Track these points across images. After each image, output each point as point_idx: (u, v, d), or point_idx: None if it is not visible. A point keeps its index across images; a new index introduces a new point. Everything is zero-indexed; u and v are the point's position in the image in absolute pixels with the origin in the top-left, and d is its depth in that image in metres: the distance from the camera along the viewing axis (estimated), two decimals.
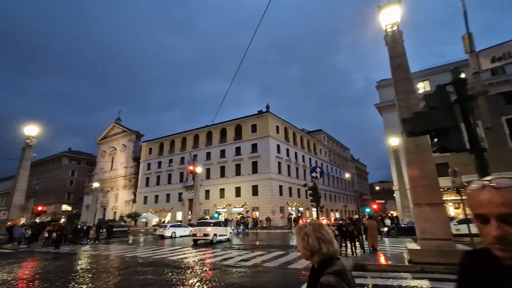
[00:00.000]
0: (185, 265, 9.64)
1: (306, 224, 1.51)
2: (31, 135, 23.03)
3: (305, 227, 1.49)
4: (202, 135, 47.43)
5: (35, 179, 64.06)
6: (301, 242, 1.47)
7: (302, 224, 1.53)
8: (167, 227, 23.85)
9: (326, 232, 1.46)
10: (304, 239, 1.45)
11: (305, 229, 1.48)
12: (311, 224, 1.50)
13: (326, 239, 1.42)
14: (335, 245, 1.45)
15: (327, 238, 1.43)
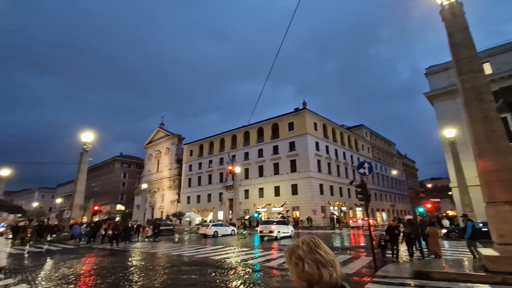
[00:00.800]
0: (228, 266, 9.48)
1: (298, 244, 1.13)
2: (87, 141, 25.28)
3: (298, 248, 1.12)
4: (239, 135, 47.94)
5: (93, 182, 71.08)
6: (294, 270, 1.09)
7: (294, 245, 1.15)
8: (209, 226, 24.35)
9: (326, 252, 1.10)
10: (297, 265, 1.08)
11: (298, 251, 1.11)
12: (305, 243, 1.13)
13: (326, 262, 1.07)
14: (339, 269, 1.09)
15: (328, 260, 1.08)
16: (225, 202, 46.26)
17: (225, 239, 21.60)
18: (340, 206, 41.71)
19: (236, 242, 18.90)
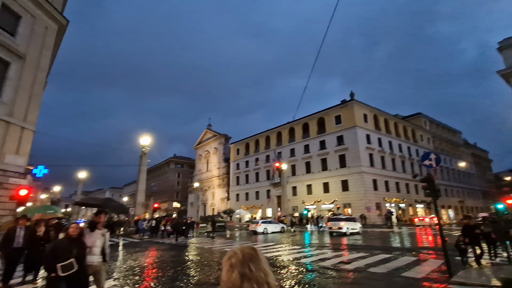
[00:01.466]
0: (280, 264, 9.29)
1: (237, 252, 1.12)
2: (145, 145, 27.62)
3: (235, 255, 1.10)
4: (284, 132, 47.50)
5: (152, 182, 77.75)
6: (225, 275, 1.07)
7: (233, 251, 1.13)
8: (258, 223, 24.56)
9: (257, 269, 1.05)
10: (228, 271, 1.06)
11: (233, 259, 1.08)
12: (242, 253, 1.10)
13: (252, 278, 1.02)
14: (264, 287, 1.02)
15: (256, 276, 1.02)
16: (273, 199, 46.35)
17: (275, 236, 21.53)
18: (398, 203, 38.44)
19: (286, 239, 18.67)
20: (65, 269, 3.60)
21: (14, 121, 15.89)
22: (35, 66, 17.51)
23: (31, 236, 6.76)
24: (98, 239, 4.51)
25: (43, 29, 18.23)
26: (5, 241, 6.40)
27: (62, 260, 3.63)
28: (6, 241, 6.38)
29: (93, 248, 4.40)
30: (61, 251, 3.76)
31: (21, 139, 16.29)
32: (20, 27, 16.78)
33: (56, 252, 3.76)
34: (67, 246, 3.84)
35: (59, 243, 3.84)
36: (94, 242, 4.44)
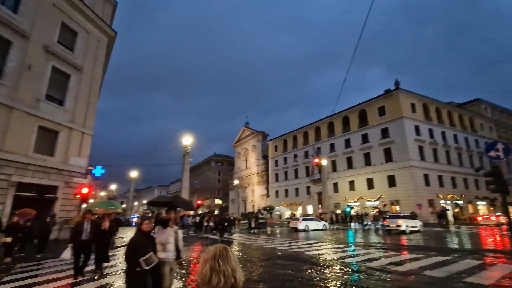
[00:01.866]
0: (323, 263, 8.98)
1: (210, 250, 1.37)
2: (187, 144, 28.96)
3: (208, 252, 1.36)
4: (323, 126, 46.07)
5: (195, 179, 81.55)
6: (199, 269, 1.32)
7: (209, 249, 1.37)
8: (299, 220, 24.21)
9: (224, 263, 1.30)
10: (202, 265, 1.32)
11: (206, 255, 1.35)
12: (214, 250, 1.35)
13: (219, 271, 1.27)
14: (230, 279, 1.27)
15: (220, 269, 1.28)
16: (313, 195, 45.37)
17: (316, 233, 21.01)
18: (455, 200, 34.78)
19: (329, 237, 18.09)
20: (148, 262, 3.66)
21: (76, 127, 17.77)
22: (91, 76, 19.35)
23: (97, 229, 7.40)
24: (171, 235, 4.55)
25: (95, 42, 20.03)
26: (74, 234, 7.11)
27: (142, 255, 3.67)
28: (75, 234, 7.08)
29: (167, 245, 4.44)
30: (139, 246, 3.81)
31: (81, 143, 18.17)
32: (77, 42, 18.63)
33: (136, 247, 3.80)
34: (143, 241, 3.89)
35: (136, 239, 3.87)
36: (168, 239, 4.48)
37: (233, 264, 1.33)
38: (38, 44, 15.69)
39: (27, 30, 15.04)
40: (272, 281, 6.68)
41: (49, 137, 16.15)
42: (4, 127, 13.80)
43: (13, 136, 14.13)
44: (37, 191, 15.14)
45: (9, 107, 14.02)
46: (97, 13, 19.78)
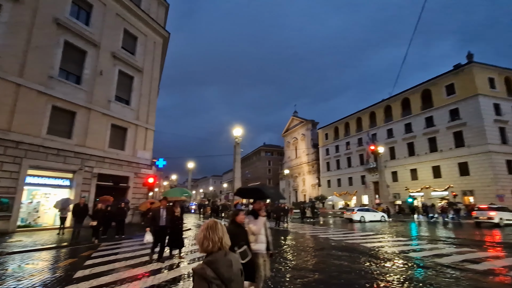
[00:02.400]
0: (383, 256, 8.46)
1: (204, 223, 1.89)
2: (237, 135, 29.88)
3: (203, 224, 1.88)
4: (379, 111, 42.72)
5: (246, 170, 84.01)
6: (198, 237, 1.85)
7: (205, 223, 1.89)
8: (354, 210, 23.19)
9: (213, 233, 1.80)
10: (199, 233, 1.84)
11: (202, 226, 1.87)
12: (207, 223, 1.88)
13: (209, 238, 1.79)
14: (217, 244, 1.78)
15: (210, 237, 1.79)
16: (369, 185, 42.85)
17: (373, 225, 19.88)
18: None
19: (388, 229, 16.95)
20: (243, 256, 3.44)
21: (140, 124, 19.71)
22: (150, 76, 21.12)
23: (171, 215, 7.82)
24: (262, 226, 4.29)
25: (152, 44, 21.68)
26: (152, 220, 7.71)
27: (238, 248, 3.49)
28: (153, 220, 7.67)
29: (259, 236, 4.20)
30: (235, 238, 3.45)
31: (146, 138, 20.11)
32: (137, 46, 20.42)
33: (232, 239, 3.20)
34: (237, 233, 3.65)
35: (233, 230, 3.55)
36: (260, 230, 4.23)
37: (220, 234, 1.83)
38: (107, 52, 17.67)
39: (97, 40, 17.04)
40: (328, 271, 6.55)
41: (119, 133, 18.30)
42: (85, 126, 16.05)
43: (92, 134, 16.36)
44: (113, 181, 17.41)
45: (87, 109, 16.23)
46: (152, 17, 21.34)
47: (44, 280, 5.69)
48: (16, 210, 12.78)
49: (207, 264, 1.70)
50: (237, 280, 1.78)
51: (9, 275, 6.09)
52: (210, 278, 1.64)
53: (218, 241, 1.80)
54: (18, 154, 12.97)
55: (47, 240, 10.68)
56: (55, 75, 14.77)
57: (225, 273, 1.70)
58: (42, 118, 14.07)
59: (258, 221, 4.29)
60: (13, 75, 13.07)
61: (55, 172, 14.72)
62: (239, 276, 1.82)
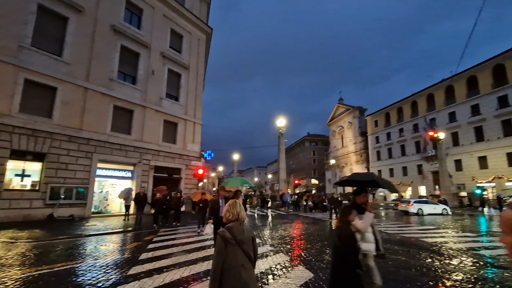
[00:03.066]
0: (448, 252, 7.67)
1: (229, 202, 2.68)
2: (281, 126, 29.69)
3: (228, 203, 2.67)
4: (438, 93, 38.31)
5: (291, 160, 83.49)
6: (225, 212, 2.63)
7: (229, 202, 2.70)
8: (410, 202, 21.42)
9: (233, 208, 2.58)
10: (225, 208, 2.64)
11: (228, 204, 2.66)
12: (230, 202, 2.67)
13: (230, 211, 2.56)
14: (235, 216, 2.54)
15: (231, 211, 2.56)
16: (427, 175, 39.13)
17: (433, 218, 18.15)
18: None
19: (452, 224, 15.31)
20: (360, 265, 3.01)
21: (189, 118, 20.77)
22: (196, 72, 22.01)
23: None
24: (370, 223, 3.57)
25: (196, 41, 22.49)
26: (212, 210, 7.88)
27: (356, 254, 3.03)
28: (212, 210, 7.79)
29: (367, 234, 3.55)
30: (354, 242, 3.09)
31: (194, 131, 21.16)
32: (183, 44, 21.37)
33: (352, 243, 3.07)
34: (353, 237, 3.12)
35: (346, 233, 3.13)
36: (367, 227, 3.54)
37: (238, 209, 2.57)
38: (156, 52, 18.88)
39: (148, 41, 18.29)
40: (383, 266, 6.15)
41: (170, 128, 19.58)
42: (141, 123, 17.52)
43: (148, 129, 17.79)
44: (167, 172, 18.80)
45: (143, 107, 17.65)
46: (195, 14, 22.07)
47: (115, 260, 6.44)
48: (90, 199, 14.69)
49: (226, 229, 2.45)
50: (247, 243, 2.46)
51: (88, 254, 7.03)
52: (227, 238, 2.36)
53: (236, 214, 2.56)
54: (89, 150, 14.79)
55: (115, 225, 12.08)
56: (114, 77, 16.34)
57: (238, 236, 2.39)
58: (106, 117, 15.75)
59: (365, 216, 3.54)
60: (81, 79, 14.81)
61: (119, 165, 16.47)
62: (249, 240, 2.50)
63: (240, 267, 2.28)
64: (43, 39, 13.67)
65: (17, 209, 12.06)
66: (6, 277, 4.92)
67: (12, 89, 12.29)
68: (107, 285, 4.62)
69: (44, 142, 13.15)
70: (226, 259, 2.28)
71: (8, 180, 12.26)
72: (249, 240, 2.45)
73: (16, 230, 9.81)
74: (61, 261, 6.12)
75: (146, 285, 4.61)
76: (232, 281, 2.22)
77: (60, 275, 5.12)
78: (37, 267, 5.59)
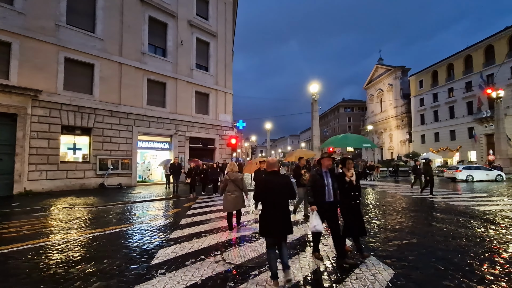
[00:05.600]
0: (504, 221, 6.93)
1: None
2: (314, 92, 28.32)
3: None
4: (499, 43, 33.00)
5: (324, 127, 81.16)
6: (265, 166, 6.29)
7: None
8: (459, 168, 19.74)
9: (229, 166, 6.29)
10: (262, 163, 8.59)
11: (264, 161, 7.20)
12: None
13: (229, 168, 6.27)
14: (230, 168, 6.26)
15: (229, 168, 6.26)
16: (479, 139, 35.44)
17: (485, 185, 16.61)
18: None
19: (507, 190, 13.87)
20: None
21: (219, 88, 20.64)
22: (224, 40, 21.35)
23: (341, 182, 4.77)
24: None
25: (223, 5, 21.50)
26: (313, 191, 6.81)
27: None
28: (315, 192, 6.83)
29: None
30: None
31: (225, 101, 21.11)
32: (209, 10, 20.60)
33: None
34: None
35: None
36: None
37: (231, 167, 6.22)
38: (184, 21, 18.47)
39: (174, 10, 17.88)
40: (430, 235, 5.75)
41: (202, 99, 19.72)
42: (174, 95, 17.82)
43: (181, 101, 18.11)
44: (202, 143, 19.34)
45: (174, 79, 17.82)
46: None
47: (158, 224, 6.89)
48: (134, 169, 15.82)
49: (227, 175, 6.04)
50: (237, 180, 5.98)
51: (134, 219, 7.62)
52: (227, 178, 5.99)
53: (231, 169, 6.07)
54: (129, 123, 15.60)
55: (158, 193, 12.95)
56: (146, 50, 16.49)
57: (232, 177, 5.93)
58: (141, 90, 16.25)
59: None
60: (116, 55, 15.19)
61: (157, 136, 17.26)
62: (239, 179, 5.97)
63: (232, 192, 5.92)
64: (76, 16, 14.01)
65: (73, 179, 13.46)
66: (65, 239, 5.52)
67: (55, 68, 13.06)
68: (151, 247, 4.94)
69: (89, 117, 14.10)
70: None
71: (63, 154, 13.57)
72: (239, 179, 5.97)
73: (74, 197, 11.00)
74: (111, 225, 6.71)
75: (186, 248, 4.84)
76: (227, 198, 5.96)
77: (111, 238, 5.60)
78: (92, 230, 6.19)
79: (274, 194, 3.42)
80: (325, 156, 4.33)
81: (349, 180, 4.29)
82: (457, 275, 3.67)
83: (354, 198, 4.30)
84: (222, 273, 3.74)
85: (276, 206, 3.38)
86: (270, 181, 3.52)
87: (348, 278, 3.58)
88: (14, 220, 7.29)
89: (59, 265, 4.01)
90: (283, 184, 3.48)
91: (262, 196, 3.52)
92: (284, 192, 3.47)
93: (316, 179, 4.23)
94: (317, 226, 3.91)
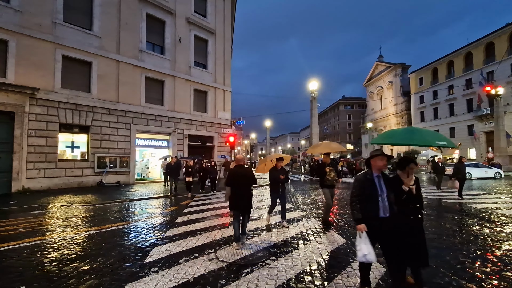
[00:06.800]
0: (499, 219, 6.95)
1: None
2: (313, 90, 28.26)
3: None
4: (500, 40, 32.87)
5: (324, 125, 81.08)
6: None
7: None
8: None
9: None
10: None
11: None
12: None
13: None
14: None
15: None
16: (479, 136, 35.44)
17: (484, 183, 16.64)
18: None
19: (505, 188, 13.90)
20: None
21: (218, 86, 20.59)
22: (222, 37, 21.26)
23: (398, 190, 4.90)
24: None
25: (222, 2, 21.37)
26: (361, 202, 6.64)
27: None
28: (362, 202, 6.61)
29: None
30: None
31: (224, 99, 21.07)
32: (207, 7, 20.48)
33: None
34: None
35: None
36: None
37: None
38: (182, 18, 18.39)
39: (172, 7, 17.79)
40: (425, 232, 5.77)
41: (201, 97, 19.69)
42: (172, 93, 17.79)
43: (179, 99, 18.08)
44: (201, 141, 19.34)
45: (172, 77, 17.78)
46: None
47: (154, 222, 6.92)
48: (133, 167, 15.84)
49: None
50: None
51: (131, 217, 7.65)
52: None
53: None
54: (127, 121, 15.59)
55: (156, 191, 12.98)
56: (143, 48, 16.44)
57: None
58: (139, 88, 16.22)
59: None
60: (113, 52, 15.15)
61: (155, 134, 17.26)
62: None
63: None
64: (73, 13, 13.95)
65: (72, 177, 13.49)
66: (61, 237, 5.55)
67: (52, 65, 13.03)
68: (145, 245, 4.96)
69: (87, 115, 14.10)
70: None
71: (61, 152, 13.58)
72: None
73: (72, 195, 11.03)
74: (108, 223, 6.74)
75: (180, 246, 4.87)
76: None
77: (106, 236, 5.63)
78: (88, 228, 6.22)
79: (240, 181, 4.93)
80: (377, 154, 3.13)
81: (408, 189, 3.07)
82: (448, 273, 3.69)
83: (414, 213, 3.12)
84: (215, 271, 3.76)
85: (241, 189, 4.88)
86: (237, 171, 5.00)
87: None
88: (11, 218, 7.32)
89: (53, 263, 4.04)
90: (245, 174, 5.01)
91: (231, 182, 4.93)
92: (246, 179, 5.00)
93: (366, 186, 3.06)
94: (368, 255, 2.82)
